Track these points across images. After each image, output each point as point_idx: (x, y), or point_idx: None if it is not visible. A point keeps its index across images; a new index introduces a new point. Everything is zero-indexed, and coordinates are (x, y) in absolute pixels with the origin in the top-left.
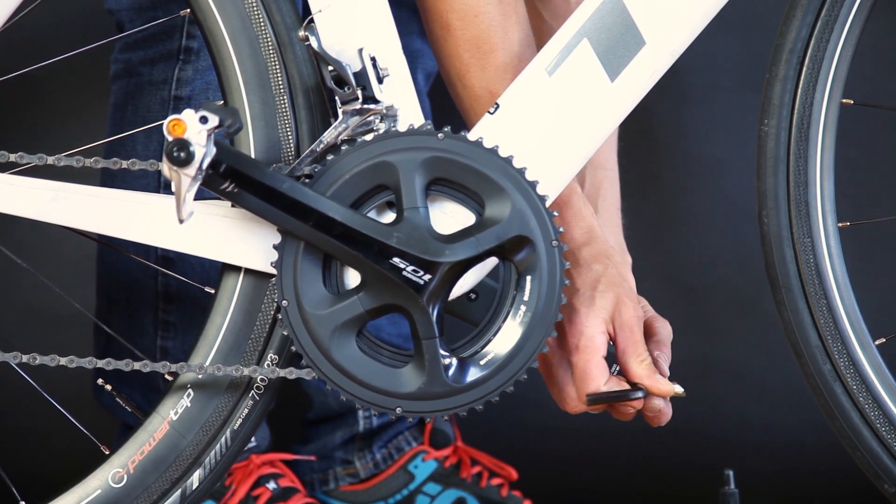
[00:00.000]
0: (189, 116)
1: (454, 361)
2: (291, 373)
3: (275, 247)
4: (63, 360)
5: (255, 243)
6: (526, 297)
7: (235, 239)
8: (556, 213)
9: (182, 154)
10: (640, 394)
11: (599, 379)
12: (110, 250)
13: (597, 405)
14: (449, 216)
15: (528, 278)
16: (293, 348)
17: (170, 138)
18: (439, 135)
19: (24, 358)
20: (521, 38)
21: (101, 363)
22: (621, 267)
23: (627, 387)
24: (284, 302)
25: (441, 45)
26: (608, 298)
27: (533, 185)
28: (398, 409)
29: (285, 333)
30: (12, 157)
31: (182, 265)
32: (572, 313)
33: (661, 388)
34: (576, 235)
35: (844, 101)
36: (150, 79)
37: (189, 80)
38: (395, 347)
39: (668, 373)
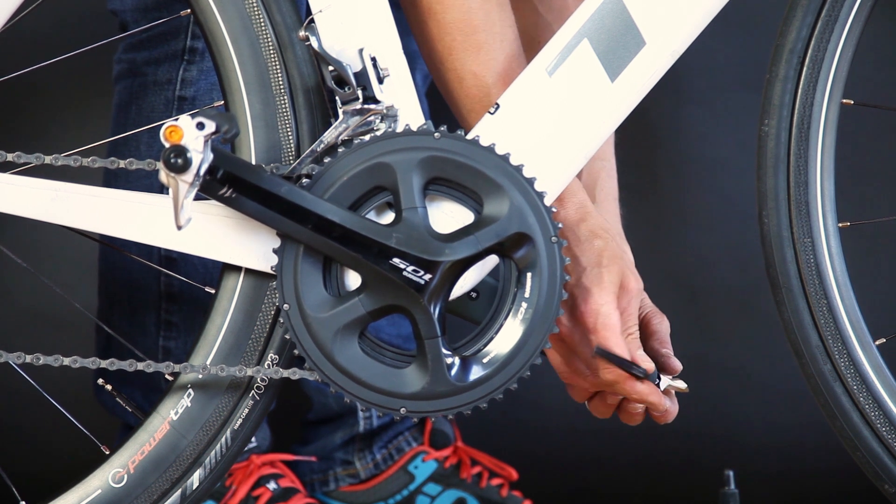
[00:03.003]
0: (186, 122)
1: (457, 360)
2: (294, 373)
3: (274, 251)
4: (66, 361)
5: (256, 243)
6: (527, 295)
7: (235, 239)
8: (554, 209)
9: (179, 160)
10: (640, 371)
11: (623, 355)
12: (113, 250)
13: (603, 360)
14: (448, 215)
15: (529, 275)
16: (296, 352)
17: (167, 145)
18: (436, 134)
19: (28, 358)
20: (502, 18)
21: (104, 363)
22: (619, 239)
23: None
24: (286, 306)
25: (423, 31)
26: (614, 272)
27: (531, 181)
28: (402, 409)
29: (287, 337)
30: (10, 157)
31: (185, 265)
32: (585, 293)
33: (643, 364)
34: (570, 213)
35: (844, 101)
36: (154, 79)
37: (194, 81)
38: (396, 348)
39: (681, 367)
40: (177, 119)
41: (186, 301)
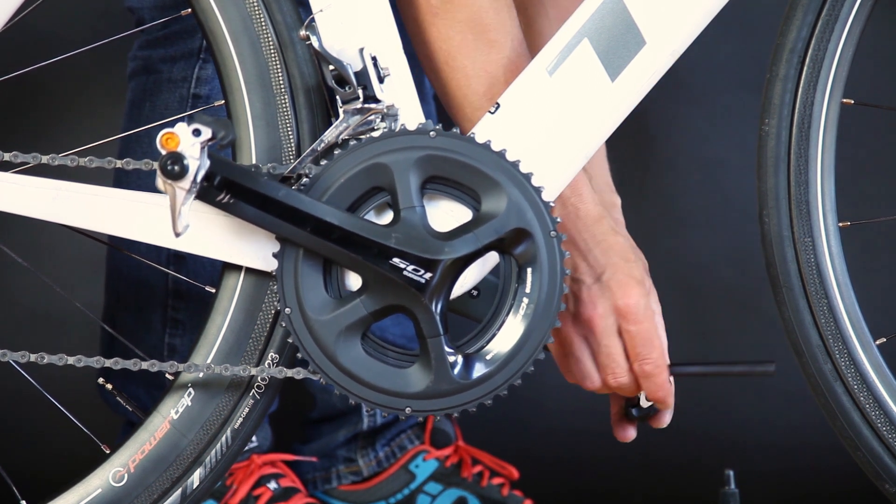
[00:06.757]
0: (182, 130)
1: (460, 358)
2: (298, 373)
3: (274, 255)
4: (71, 360)
5: (256, 242)
6: (528, 290)
7: (236, 238)
8: (552, 204)
9: (176, 167)
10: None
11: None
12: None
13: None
14: (446, 213)
15: (529, 270)
16: (299, 355)
17: (163, 152)
18: (431, 133)
19: (32, 357)
20: (512, 16)
21: (108, 362)
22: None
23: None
24: (287, 309)
25: (427, 29)
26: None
27: (528, 177)
28: (407, 409)
29: (290, 341)
30: (7, 157)
31: (192, 263)
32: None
33: None
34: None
35: (845, 101)
36: (169, 76)
37: (209, 79)
38: (401, 348)
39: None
40: (173, 126)
41: (193, 298)
